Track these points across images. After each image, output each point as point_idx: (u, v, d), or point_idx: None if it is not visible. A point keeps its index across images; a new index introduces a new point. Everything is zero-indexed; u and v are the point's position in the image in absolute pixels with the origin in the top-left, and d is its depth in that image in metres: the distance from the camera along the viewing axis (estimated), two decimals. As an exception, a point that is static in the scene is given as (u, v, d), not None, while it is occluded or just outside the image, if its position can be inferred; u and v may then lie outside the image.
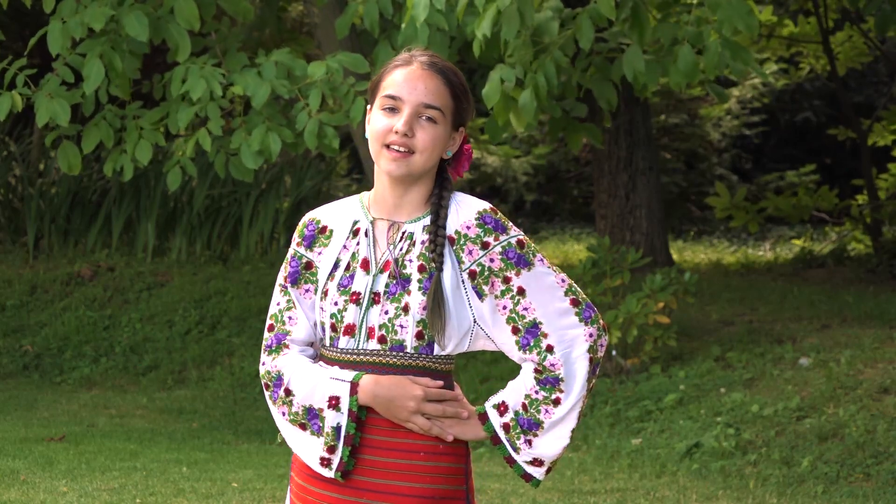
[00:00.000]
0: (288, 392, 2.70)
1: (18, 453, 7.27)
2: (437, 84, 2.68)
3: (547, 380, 2.66)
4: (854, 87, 18.90)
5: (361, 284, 2.68)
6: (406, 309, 2.65)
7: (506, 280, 2.66)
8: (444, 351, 2.68)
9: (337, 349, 2.70)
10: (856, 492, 6.44)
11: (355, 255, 2.71)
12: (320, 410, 2.67)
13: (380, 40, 7.50)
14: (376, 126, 2.68)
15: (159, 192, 12.50)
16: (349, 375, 2.66)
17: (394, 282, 2.67)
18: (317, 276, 2.73)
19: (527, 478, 2.72)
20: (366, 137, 2.74)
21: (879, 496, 6.34)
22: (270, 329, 2.76)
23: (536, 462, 2.70)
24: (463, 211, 2.69)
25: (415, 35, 6.64)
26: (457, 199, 2.71)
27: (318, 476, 2.70)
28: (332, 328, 2.70)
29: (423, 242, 2.67)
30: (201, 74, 7.09)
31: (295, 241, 2.78)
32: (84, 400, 9.53)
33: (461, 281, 2.66)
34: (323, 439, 2.67)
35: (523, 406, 2.68)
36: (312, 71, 7.07)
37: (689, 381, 8.15)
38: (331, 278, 2.71)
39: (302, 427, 2.70)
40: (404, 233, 2.70)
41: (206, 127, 7.29)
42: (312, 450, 2.69)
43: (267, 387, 2.74)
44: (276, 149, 7.17)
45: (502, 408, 2.69)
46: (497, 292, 2.67)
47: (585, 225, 18.83)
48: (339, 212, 2.77)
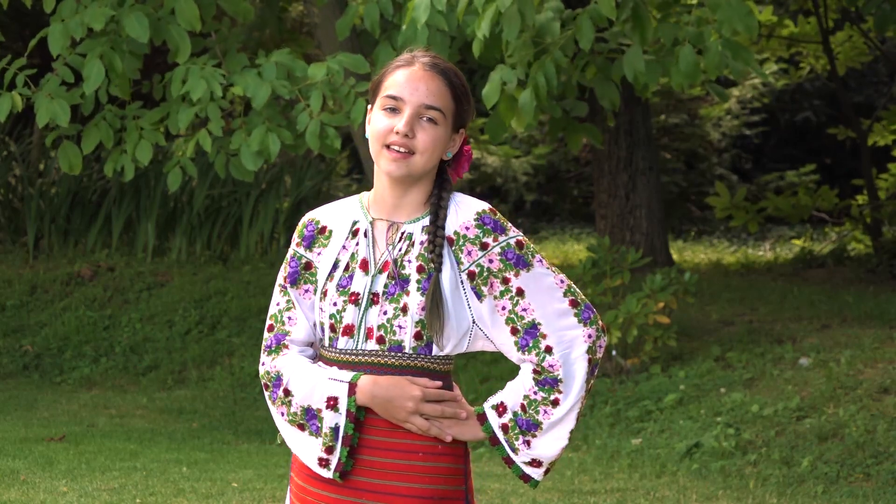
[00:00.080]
0: (287, 392, 2.71)
1: (18, 453, 7.27)
2: (439, 85, 2.68)
3: (546, 381, 2.66)
4: (854, 87, 18.89)
5: (360, 285, 2.68)
6: (405, 309, 2.65)
7: (505, 281, 2.66)
8: (443, 351, 2.68)
9: (336, 349, 2.70)
10: (856, 492, 6.43)
11: (354, 256, 2.71)
12: (319, 411, 2.67)
13: (380, 41, 7.49)
14: (377, 126, 2.68)
15: (159, 192, 12.49)
16: (347, 376, 2.66)
17: (392, 282, 2.67)
18: (316, 277, 2.74)
19: (525, 478, 2.72)
20: (366, 138, 2.74)
21: (879, 496, 6.34)
22: (270, 329, 2.77)
23: (535, 463, 2.70)
24: (462, 212, 2.69)
25: (415, 36, 6.64)
26: (456, 200, 2.71)
27: (318, 476, 2.70)
28: (331, 328, 2.70)
29: (422, 243, 2.67)
30: (201, 75, 7.09)
31: (294, 242, 2.79)
32: (84, 400, 9.53)
33: (460, 282, 2.66)
34: (321, 440, 2.67)
35: (522, 407, 2.68)
36: (313, 72, 7.07)
37: (689, 381, 8.15)
38: (330, 279, 2.71)
39: (300, 427, 2.70)
40: (403, 233, 2.70)
41: (207, 127, 7.29)
42: (311, 450, 2.69)
43: (266, 387, 2.75)
44: (276, 149, 7.16)
45: (501, 408, 2.69)
46: (496, 293, 2.67)
47: (585, 225, 18.83)
48: (339, 212, 2.77)
